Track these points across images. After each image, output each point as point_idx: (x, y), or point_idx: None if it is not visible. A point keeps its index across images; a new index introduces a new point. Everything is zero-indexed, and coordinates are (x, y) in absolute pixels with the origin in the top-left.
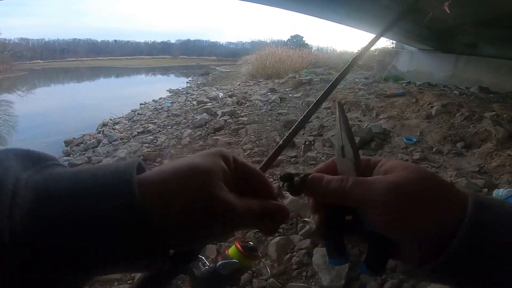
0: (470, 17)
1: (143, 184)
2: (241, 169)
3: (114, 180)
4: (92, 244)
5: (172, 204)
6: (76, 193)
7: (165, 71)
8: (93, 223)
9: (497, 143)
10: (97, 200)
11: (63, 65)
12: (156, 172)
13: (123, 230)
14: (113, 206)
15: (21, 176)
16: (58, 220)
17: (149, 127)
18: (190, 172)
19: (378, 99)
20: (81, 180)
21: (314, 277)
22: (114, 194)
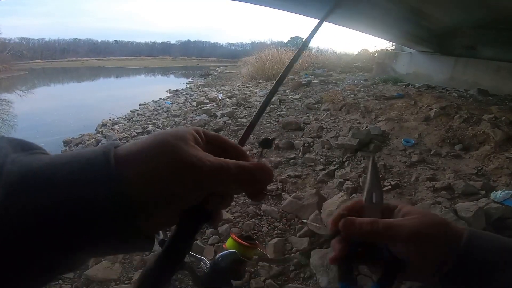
0: (469, 20)
1: (118, 153)
2: (214, 140)
3: (93, 157)
4: (73, 213)
5: (146, 164)
6: (57, 170)
7: (165, 72)
8: (75, 193)
9: (495, 146)
10: (76, 178)
11: (63, 65)
12: (130, 146)
13: (102, 204)
14: (90, 176)
15: (10, 155)
16: (39, 194)
17: (148, 127)
18: (162, 136)
19: (377, 101)
20: (62, 160)
21: (312, 278)
22: (92, 171)
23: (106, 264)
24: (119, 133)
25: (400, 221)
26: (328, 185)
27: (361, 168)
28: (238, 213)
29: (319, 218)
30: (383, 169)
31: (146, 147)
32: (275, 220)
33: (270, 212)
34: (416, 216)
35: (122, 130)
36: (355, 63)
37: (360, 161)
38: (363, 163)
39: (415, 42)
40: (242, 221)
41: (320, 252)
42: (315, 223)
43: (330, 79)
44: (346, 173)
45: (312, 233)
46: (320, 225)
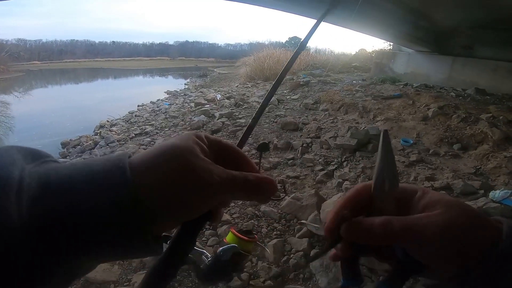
0: (468, 20)
1: (133, 168)
2: (216, 145)
3: (108, 168)
4: (91, 227)
5: (160, 181)
6: (74, 183)
7: (163, 73)
8: (93, 209)
9: (493, 145)
10: (94, 188)
11: (60, 66)
12: (142, 156)
13: (120, 212)
14: (109, 193)
15: (26, 167)
16: (61, 206)
17: (146, 129)
18: (170, 149)
19: (375, 101)
20: (79, 170)
21: (311, 279)
22: (109, 181)
23: (105, 266)
24: (117, 135)
25: (422, 219)
26: (327, 185)
27: (359, 168)
28: (237, 214)
29: (318, 218)
30: None
31: (158, 162)
32: (274, 221)
33: (269, 213)
34: (443, 210)
35: (120, 131)
36: (353, 63)
37: (358, 161)
38: (362, 163)
39: (413, 42)
40: (241, 222)
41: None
42: (314, 224)
43: (328, 79)
44: (345, 173)
45: (311, 234)
46: (319, 225)
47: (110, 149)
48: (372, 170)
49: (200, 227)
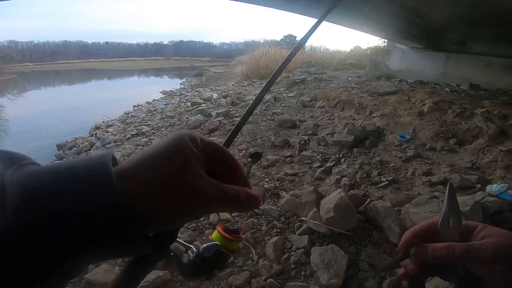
0: (460, 16)
1: (121, 171)
2: (209, 149)
3: (91, 171)
4: (79, 237)
5: (150, 188)
6: (58, 189)
7: (158, 73)
8: (79, 218)
9: (488, 139)
10: (78, 195)
11: (53, 67)
12: (130, 160)
13: (107, 224)
14: (95, 200)
15: (5, 172)
16: (46, 214)
17: (143, 129)
18: (162, 157)
19: (371, 97)
20: (61, 174)
21: (313, 276)
22: (95, 188)
23: (106, 268)
24: (114, 135)
25: (479, 245)
26: (325, 182)
27: (357, 164)
28: (236, 212)
29: (318, 215)
30: (380, 165)
31: (148, 167)
32: (274, 219)
33: (269, 211)
34: (497, 238)
35: (116, 132)
36: (348, 60)
37: (356, 157)
38: (359, 159)
39: (407, 39)
40: (240, 220)
41: (320, 249)
42: (314, 221)
43: (324, 76)
44: (343, 170)
45: (311, 231)
46: (319, 222)
47: (106, 150)
48: (369, 166)
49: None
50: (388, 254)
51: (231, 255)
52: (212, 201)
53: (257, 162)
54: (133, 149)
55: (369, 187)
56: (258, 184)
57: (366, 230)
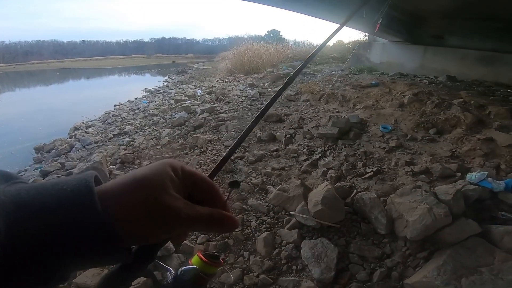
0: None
1: (103, 197)
2: (190, 177)
3: (76, 192)
4: (64, 249)
5: (126, 210)
6: (47, 204)
7: (139, 71)
8: (64, 233)
9: (466, 128)
10: (65, 211)
11: (27, 68)
12: (112, 183)
13: (89, 239)
14: (79, 218)
15: None
16: (32, 221)
17: (125, 128)
18: (140, 182)
19: (354, 90)
20: (47, 187)
21: (304, 270)
22: (79, 207)
23: (95, 271)
24: (94, 136)
25: None
26: (312, 175)
27: (343, 156)
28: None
29: (306, 209)
30: (364, 156)
31: (128, 191)
32: (263, 214)
33: (257, 206)
34: None
35: (97, 132)
36: (331, 54)
37: (341, 149)
38: (344, 151)
39: (387, 33)
40: None
41: (310, 243)
42: (302, 215)
43: (308, 70)
44: (329, 162)
45: (300, 225)
46: (307, 216)
47: (87, 152)
48: (354, 158)
49: (161, 246)
50: (376, 246)
51: (208, 280)
52: (185, 220)
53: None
54: (115, 150)
55: (355, 178)
56: (245, 179)
57: (354, 222)
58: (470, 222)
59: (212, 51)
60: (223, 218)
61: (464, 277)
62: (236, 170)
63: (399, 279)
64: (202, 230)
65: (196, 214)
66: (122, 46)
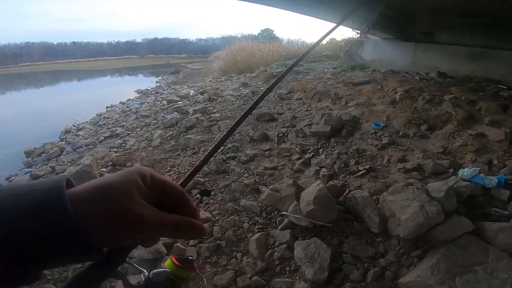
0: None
1: (72, 199)
2: (159, 185)
3: (47, 195)
4: (34, 250)
5: (93, 213)
6: (18, 204)
7: (132, 72)
8: (34, 234)
9: (457, 124)
10: (35, 215)
11: (17, 70)
12: (82, 187)
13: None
14: (48, 219)
15: None
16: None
17: (116, 130)
18: (107, 188)
19: (346, 87)
20: (18, 189)
21: (298, 271)
22: (50, 209)
23: None
24: (85, 139)
25: None
26: (305, 174)
27: (335, 154)
28: (217, 210)
29: (298, 209)
30: (357, 153)
31: (95, 197)
32: (255, 215)
33: (250, 207)
34: None
35: (88, 135)
36: (324, 52)
37: (334, 147)
38: (337, 149)
39: (378, 30)
40: (221, 219)
41: (302, 243)
42: (295, 214)
43: (301, 68)
44: (321, 161)
45: (293, 225)
46: (299, 216)
47: (78, 155)
48: (346, 155)
49: (131, 249)
50: (370, 245)
51: (180, 284)
52: (150, 226)
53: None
54: (106, 152)
55: (347, 176)
56: (238, 180)
57: (347, 221)
58: (463, 219)
59: (205, 50)
60: (190, 226)
61: (458, 276)
62: (229, 171)
63: (393, 278)
64: (170, 236)
65: (161, 221)
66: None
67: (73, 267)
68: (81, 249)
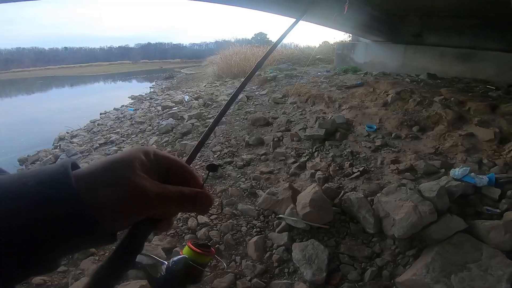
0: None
1: (77, 176)
2: (164, 161)
3: (54, 176)
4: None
5: (99, 191)
6: (24, 192)
7: (125, 77)
8: (43, 213)
9: (448, 125)
10: (43, 198)
11: (7, 76)
12: (87, 167)
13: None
14: (56, 200)
15: None
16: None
17: (111, 137)
18: (111, 164)
19: (340, 90)
20: (25, 175)
21: (296, 272)
22: (57, 189)
23: (86, 280)
24: (80, 146)
25: None
26: (300, 177)
27: (330, 157)
28: (215, 215)
29: (295, 211)
30: (351, 156)
31: (100, 174)
32: (253, 218)
33: (247, 211)
34: None
35: (82, 142)
36: (317, 55)
37: (328, 150)
38: (331, 152)
39: (369, 33)
40: (219, 223)
41: (300, 245)
42: (292, 217)
43: (294, 72)
44: (316, 164)
45: (290, 228)
46: (296, 218)
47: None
48: (341, 158)
49: (147, 234)
50: (366, 245)
51: (202, 269)
52: (155, 198)
53: (214, 173)
54: None
55: (342, 179)
56: (234, 184)
57: (343, 222)
58: (455, 218)
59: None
60: (195, 196)
61: (453, 274)
62: (225, 176)
63: (390, 277)
64: (176, 209)
65: (165, 192)
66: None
67: None
68: (88, 227)
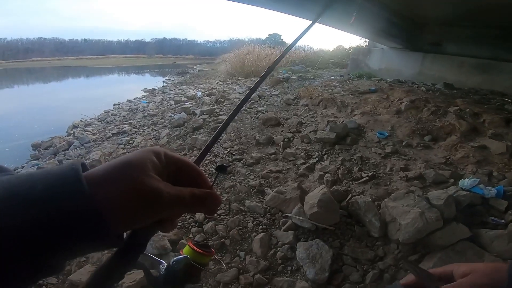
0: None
1: (89, 179)
2: (174, 163)
3: (65, 178)
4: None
5: (111, 193)
6: (36, 193)
7: (139, 71)
8: (51, 219)
9: (460, 136)
10: (54, 199)
11: (27, 65)
12: (98, 169)
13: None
14: (67, 201)
15: None
16: (19, 210)
17: (124, 128)
18: (124, 166)
19: (353, 95)
20: (35, 175)
21: (299, 270)
22: (67, 193)
23: (90, 268)
24: (93, 135)
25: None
26: (309, 178)
27: (339, 161)
28: (222, 210)
29: (302, 211)
30: (360, 161)
31: (113, 176)
32: (260, 215)
33: (254, 208)
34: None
35: (95, 131)
36: (331, 59)
37: (338, 154)
38: (341, 156)
39: (387, 39)
40: (226, 218)
41: (305, 244)
42: (299, 216)
43: (307, 75)
44: (325, 166)
45: (296, 226)
46: (303, 218)
47: (85, 150)
48: (350, 162)
49: (150, 235)
50: (370, 248)
51: (202, 269)
52: (167, 200)
53: (223, 174)
54: (114, 148)
55: (350, 182)
56: (243, 181)
57: (348, 224)
58: (460, 226)
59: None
60: (205, 196)
61: None
62: (234, 172)
63: (391, 280)
64: (187, 210)
65: (177, 193)
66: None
67: None
68: (99, 231)
